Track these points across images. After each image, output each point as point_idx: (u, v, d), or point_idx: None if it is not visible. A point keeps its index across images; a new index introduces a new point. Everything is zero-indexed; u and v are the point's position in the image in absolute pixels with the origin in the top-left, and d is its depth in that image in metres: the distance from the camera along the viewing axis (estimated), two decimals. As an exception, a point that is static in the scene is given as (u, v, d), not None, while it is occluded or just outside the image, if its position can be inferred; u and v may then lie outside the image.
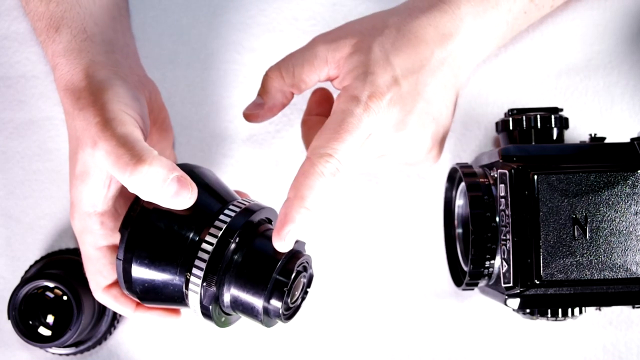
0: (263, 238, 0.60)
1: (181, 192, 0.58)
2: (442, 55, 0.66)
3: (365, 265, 0.76)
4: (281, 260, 0.59)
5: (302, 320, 0.76)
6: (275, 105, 0.67)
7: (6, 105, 0.78)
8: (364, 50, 0.64)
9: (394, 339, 0.76)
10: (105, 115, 0.59)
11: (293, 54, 0.67)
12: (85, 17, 0.67)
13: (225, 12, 0.79)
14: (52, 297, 0.70)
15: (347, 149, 0.61)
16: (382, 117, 0.63)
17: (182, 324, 0.76)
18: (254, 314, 0.59)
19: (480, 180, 0.67)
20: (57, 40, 0.66)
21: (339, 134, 0.61)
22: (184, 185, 0.58)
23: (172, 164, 0.58)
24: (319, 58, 0.65)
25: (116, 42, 0.68)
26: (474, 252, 0.65)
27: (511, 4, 0.69)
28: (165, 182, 0.57)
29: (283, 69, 0.66)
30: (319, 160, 0.60)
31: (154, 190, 0.57)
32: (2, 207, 0.78)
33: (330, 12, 0.79)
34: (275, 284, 0.59)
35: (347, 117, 0.61)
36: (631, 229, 0.62)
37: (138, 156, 0.57)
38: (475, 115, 0.77)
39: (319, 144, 0.61)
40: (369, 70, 0.63)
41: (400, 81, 0.64)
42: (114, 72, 0.64)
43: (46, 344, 0.69)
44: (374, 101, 0.62)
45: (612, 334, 0.75)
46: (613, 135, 0.73)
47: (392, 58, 0.64)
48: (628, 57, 0.77)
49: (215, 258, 0.58)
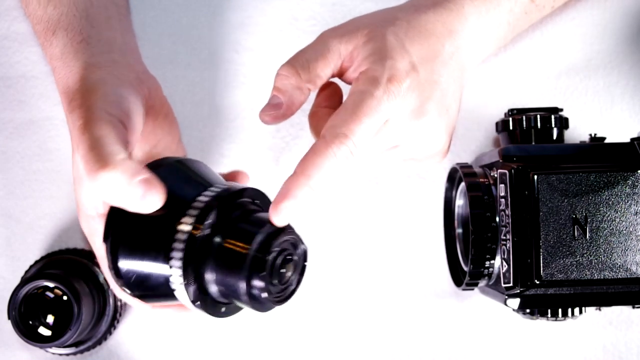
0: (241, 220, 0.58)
1: (147, 194, 0.55)
2: (452, 49, 0.66)
3: (365, 265, 0.76)
4: (259, 236, 0.56)
5: (302, 320, 0.76)
6: (293, 104, 0.64)
7: (6, 105, 0.78)
8: (379, 38, 0.63)
9: (394, 339, 0.76)
10: (87, 117, 0.58)
11: (305, 50, 0.65)
12: (81, 20, 0.67)
13: (225, 12, 0.79)
14: (52, 297, 0.70)
15: (363, 132, 0.59)
16: (400, 101, 0.62)
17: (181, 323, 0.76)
18: (240, 298, 0.57)
19: (480, 180, 0.67)
20: (54, 44, 0.66)
21: (357, 115, 0.59)
22: (149, 188, 0.55)
23: (138, 167, 0.56)
24: (332, 51, 0.64)
25: (113, 41, 0.67)
26: (474, 252, 0.65)
27: (512, 4, 0.69)
28: (130, 186, 0.55)
29: (298, 65, 0.64)
30: (333, 140, 0.58)
31: (118, 195, 0.55)
32: (2, 207, 0.78)
33: (330, 12, 0.79)
34: (253, 262, 0.56)
35: (366, 98, 0.60)
36: (631, 229, 0.62)
37: (102, 160, 0.55)
38: (475, 115, 0.77)
39: (335, 123, 0.59)
40: (387, 55, 0.62)
41: (418, 68, 0.63)
42: (108, 72, 0.63)
43: (46, 344, 0.69)
44: (394, 84, 0.61)
45: (612, 334, 0.75)
46: (613, 135, 0.73)
47: (408, 46, 0.63)
48: (628, 57, 0.77)
49: (191, 247, 0.56)
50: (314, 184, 0.57)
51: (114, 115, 0.59)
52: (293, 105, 0.64)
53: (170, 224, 0.57)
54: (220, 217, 0.57)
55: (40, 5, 0.68)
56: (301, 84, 0.64)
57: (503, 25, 0.69)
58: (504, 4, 0.68)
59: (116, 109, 0.60)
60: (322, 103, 0.68)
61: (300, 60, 0.64)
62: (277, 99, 0.64)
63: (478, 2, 0.67)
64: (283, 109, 0.64)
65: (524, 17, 0.70)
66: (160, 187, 0.56)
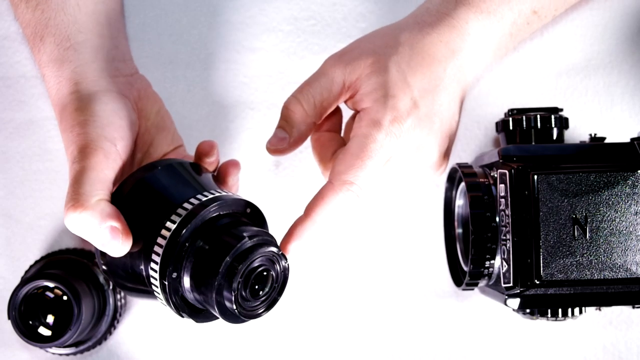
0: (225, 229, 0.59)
1: (112, 242, 0.58)
2: (453, 71, 0.66)
3: (366, 265, 0.76)
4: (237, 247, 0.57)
5: (302, 320, 0.76)
6: (300, 138, 0.66)
7: (6, 105, 0.78)
8: (381, 70, 0.64)
9: (394, 339, 0.76)
10: (79, 144, 0.61)
11: (309, 83, 0.66)
12: (69, 25, 0.67)
13: (225, 12, 0.79)
14: (52, 297, 0.70)
15: (368, 175, 0.62)
16: (402, 141, 0.63)
17: (181, 323, 0.76)
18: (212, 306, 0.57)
19: (480, 180, 0.67)
20: (41, 50, 0.67)
21: (362, 160, 0.62)
22: (114, 236, 0.58)
23: (110, 211, 0.59)
24: (336, 84, 0.65)
25: (101, 47, 0.68)
26: (474, 252, 0.65)
27: (516, 16, 0.68)
28: (98, 229, 0.58)
29: (304, 101, 0.65)
30: (340, 187, 0.61)
31: (86, 234, 0.59)
32: (2, 207, 0.78)
33: (330, 12, 0.79)
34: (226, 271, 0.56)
35: (370, 142, 0.62)
36: (631, 229, 0.62)
37: (76, 200, 0.58)
38: (475, 115, 0.77)
39: (342, 169, 0.62)
40: (389, 93, 0.63)
41: (419, 103, 0.64)
42: (97, 83, 0.65)
43: (46, 344, 0.69)
44: (396, 126, 0.63)
45: (612, 334, 0.75)
46: (613, 135, 0.73)
47: (410, 78, 0.64)
48: (628, 57, 0.77)
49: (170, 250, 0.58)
50: (319, 227, 0.61)
51: (108, 139, 0.61)
52: (300, 139, 0.66)
53: (156, 226, 0.58)
54: (204, 224, 0.58)
55: (29, 8, 0.68)
56: (307, 120, 0.66)
57: (505, 37, 0.69)
58: (507, 17, 0.68)
59: (109, 130, 0.62)
60: (324, 128, 0.69)
61: (306, 95, 0.65)
62: (284, 133, 0.66)
63: (482, 17, 0.67)
64: (290, 143, 0.66)
65: (525, 27, 0.70)
66: (126, 234, 0.59)
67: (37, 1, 0.68)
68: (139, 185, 0.61)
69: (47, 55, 0.66)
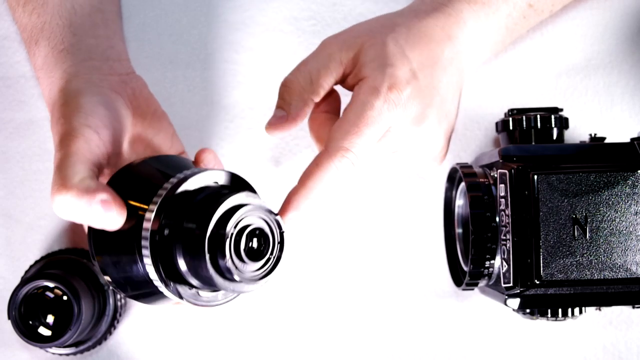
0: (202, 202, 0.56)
1: (106, 215, 0.55)
2: (451, 54, 0.66)
3: (365, 265, 0.76)
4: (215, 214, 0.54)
5: (302, 319, 0.76)
6: (298, 115, 0.65)
7: (6, 105, 0.78)
8: (379, 44, 0.64)
9: (394, 339, 0.76)
10: (61, 133, 0.59)
11: (306, 60, 0.66)
12: (64, 28, 0.67)
13: (224, 12, 0.79)
14: (52, 297, 0.70)
15: (365, 143, 0.60)
16: (401, 110, 0.62)
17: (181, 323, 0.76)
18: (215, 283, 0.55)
19: (480, 180, 0.67)
20: (36, 54, 0.67)
21: (358, 127, 0.60)
22: (107, 208, 0.55)
23: (96, 186, 0.56)
24: (334, 60, 0.65)
25: (96, 48, 0.68)
26: (474, 252, 0.65)
27: (511, 9, 0.69)
28: (90, 207, 0.55)
29: (300, 77, 0.65)
30: (335, 153, 0.60)
31: (77, 215, 0.56)
32: (2, 207, 0.78)
33: (330, 12, 0.79)
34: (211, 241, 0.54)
35: (367, 109, 0.61)
36: (631, 229, 0.62)
37: (60, 183, 0.56)
38: (475, 115, 0.77)
39: (337, 135, 0.60)
40: (387, 62, 0.62)
41: (418, 75, 0.63)
42: (86, 80, 0.64)
43: (46, 344, 0.69)
44: (395, 93, 0.62)
45: (612, 334, 0.75)
46: (613, 135, 0.73)
47: (408, 52, 0.64)
48: (628, 57, 0.77)
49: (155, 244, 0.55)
50: (315, 196, 0.59)
51: (90, 127, 0.59)
52: (298, 117, 0.65)
53: (137, 225, 0.56)
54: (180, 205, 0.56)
55: (25, 12, 0.68)
56: (304, 96, 0.65)
57: (501, 30, 0.69)
58: (502, 9, 0.68)
59: (92, 119, 0.60)
60: (322, 109, 0.69)
61: (303, 72, 0.65)
62: (282, 112, 0.65)
63: (477, 7, 0.67)
64: (288, 121, 0.65)
65: (522, 21, 0.70)
66: (120, 204, 0.56)
67: (34, 5, 0.68)
68: (122, 173, 0.59)
69: (41, 58, 0.66)
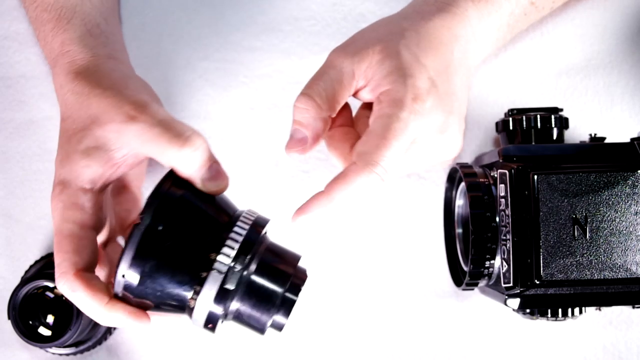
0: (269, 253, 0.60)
1: (217, 178, 0.60)
2: (459, 55, 0.65)
3: (365, 265, 0.76)
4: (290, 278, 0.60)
5: (302, 320, 0.76)
6: (318, 135, 0.64)
7: (6, 105, 0.78)
8: (393, 54, 0.63)
9: (394, 339, 0.76)
10: (138, 98, 0.61)
11: (318, 77, 0.64)
12: (97, 15, 0.68)
13: (224, 12, 0.79)
14: (52, 297, 0.70)
15: (394, 156, 0.60)
16: (426, 120, 0.62)
17: (181, 323, 0.76)
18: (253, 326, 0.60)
19: (480, 180, 0.67)
20: (69, 30, 0.66)
21: (387, 140, 0.60)
22: (220, 174, 0.60)
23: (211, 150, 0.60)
24: (346, 74, 0.63)
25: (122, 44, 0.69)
26: (474, 252, 0.65)
27: (513, 6, 0.69)
28: (205, 167, 0.59)
29: (316, 96, 0.63)
30: (364, 167, 0.59)
31: (192, 171, 0.59)
32: (2, 207, 0.78)
33: (330, 12, 0.79)
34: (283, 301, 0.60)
35: (394, 122, 0.60)
36: (631, 229, 0.63)
37: (185, 137, 0.58)
38: (475, 115, 0.77)
39: (366, 149, 0.60)
40: (406, 73, 0.62)
41: (436, 82, 0.63)
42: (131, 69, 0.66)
43: (46, 344, 0.69)
44: (419, 103, 0.61)
45: (612, 334, 0.75)
46: (613, 135, 0.73)
47: (423, 59, 0.63)
48: (628, 57, 0.77)
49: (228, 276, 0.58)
50: (335, 206, 0.60)
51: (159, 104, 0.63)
52: (317, 137, 0.64)
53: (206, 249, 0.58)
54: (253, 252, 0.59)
55: None
56: (322, 115, 0.63)
57: (503, 27, 0.69)
58: (505, 7, 0.68)
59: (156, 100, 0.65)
60: (337, 123, 0.67)
61: (317, 89, 0.63)
62: (301, 133, 0.63)
63: (481, 5, 0.67)
64: (310, 142, 0.64)
65: (523, 18, 0.70)
66: (227, 177, 0.60)
67: None
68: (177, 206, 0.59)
69: (78, 34, 0.66)
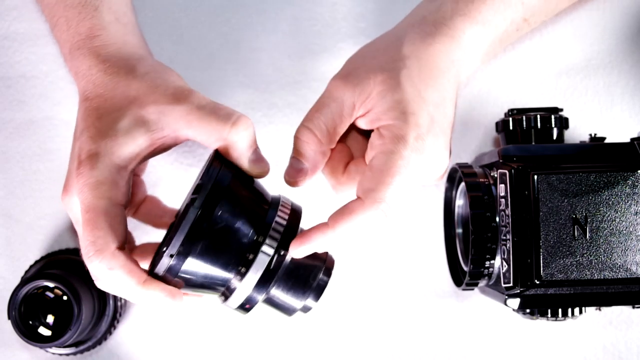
0: None
1: (262, 160, 0.63)
2: (454, 79, 0.65)
3: (366, 265, 0.76)
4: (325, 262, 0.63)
5: (302, 319, 0.76)
6: (317, 167, 0.64)
7: (6, 105, 0.78)
8: (395, 87, 0.63)
9: (394, 339, 0.76)
10: (182, 84, 0.63)
11: (318, 109, 0.64)
12: (122, 4, 0.68)
13: (225, 12, 0.79)
14: (52, 297, 0.70)
15: (397, 192, 0.61)
16: (424, 156, 0.62)
17: (181, 323, 0.76)
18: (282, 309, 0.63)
19: (480, 180, 0.67)
20: (97, 17, 0.66)
21: (391, 177, 0.60)
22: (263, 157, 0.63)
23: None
24: (347, 106, 0.63)
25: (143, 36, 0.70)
26: (474, 252, 0.65)
27: (508, 24, 0.68)
28: (253, 148, 0.62)
29: (316, 129, 0.63)
30: (371, 205, 0.60)
31: (242, 152, 0.61)
32: (2, 207, 0.78)
33: (330, 12, 0.79)
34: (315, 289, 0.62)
35: (397, 159, 0.61)
36: (631, 229, 0.62)
37: (236, 117, 0.61)
38: (475, 115, 0.77)
39: (372, 186, 0.60)
40: (408, 110, 0.62)
41: (435, 118, 0.63)
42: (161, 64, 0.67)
43: (46, 344, 0.69)
44: (420, 142, 0.61)
45: (612, 334, 0.75)
46: (613, 135, 0.73)
47: (424, 93, 0.63)
48: (628, 57, 0.77)
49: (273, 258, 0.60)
50: (337, 238, 0.60)
51: None
52: (316, 168, 0.65)
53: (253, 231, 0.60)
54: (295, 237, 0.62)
55: None
56: (322, 147, 0.64)
57: (495, 43, 0.69)
58: (500, 26, 0.68)
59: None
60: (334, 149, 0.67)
61: (317, 123, 0.63)
62: (301, 164, 0.64)
63: (477, 27, 0.66)
64: (309, 173, 0.64)
65: (515, 34, 0.70)
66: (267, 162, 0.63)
67: None
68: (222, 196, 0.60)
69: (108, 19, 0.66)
